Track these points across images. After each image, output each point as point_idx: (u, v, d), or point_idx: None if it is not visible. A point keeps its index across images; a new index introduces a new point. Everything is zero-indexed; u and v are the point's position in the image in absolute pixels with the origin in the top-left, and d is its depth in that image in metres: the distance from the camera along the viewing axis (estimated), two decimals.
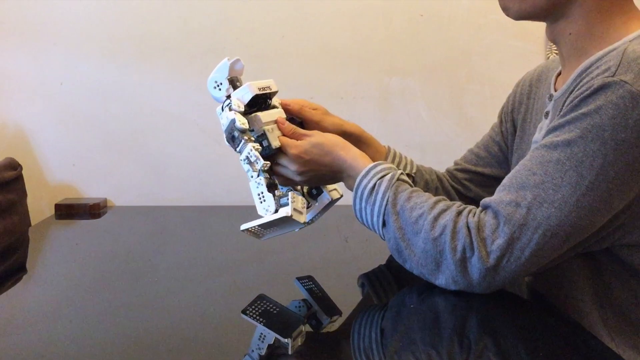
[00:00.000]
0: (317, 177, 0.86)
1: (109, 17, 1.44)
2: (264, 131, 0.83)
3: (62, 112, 1.47)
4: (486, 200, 0.75)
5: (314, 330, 0.76)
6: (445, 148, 1.46)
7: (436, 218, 0.74)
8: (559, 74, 0.87)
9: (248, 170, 0.82)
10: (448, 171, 1.04)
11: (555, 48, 1.44)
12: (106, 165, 1.48)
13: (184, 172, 1.49)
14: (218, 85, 0.84)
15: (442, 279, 0.75)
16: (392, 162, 0.98)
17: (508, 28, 1.47)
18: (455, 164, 1.05)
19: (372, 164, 0.82)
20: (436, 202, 0.77)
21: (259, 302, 0.80)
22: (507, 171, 0.97)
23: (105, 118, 1.47)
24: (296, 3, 1.45)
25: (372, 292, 0.90)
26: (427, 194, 0.79)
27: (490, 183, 0.99)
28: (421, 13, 1.46)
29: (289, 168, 0.84)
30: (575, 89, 0.74)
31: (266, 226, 0.82)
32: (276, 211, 0.80)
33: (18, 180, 1.33)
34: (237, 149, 0.82)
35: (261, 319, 0.75)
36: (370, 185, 0.80)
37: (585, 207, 0.70)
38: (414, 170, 0.99)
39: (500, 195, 0.74)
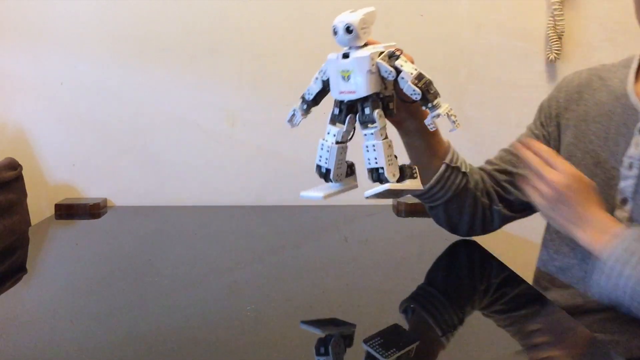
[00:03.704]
0: (560, 211, 0.81)
1: (109, 17, 1.44)
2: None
3: (62, 112, 1.47)
4: None
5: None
6: None
7: None
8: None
9: (381, 127, 0.75)
10: (484, 171, 1.02)
11: (556, 48, 1.45)
12: (106, 165, 1.48)
13: (184, 172, 1.49)
14: (365, 28, 0.78)
15: None
16: (453, 156, 0.94)
17: (508, 28, 1.47)
18: (491, 164, 1.02)
19: (623, 226, 0.78)
20: None
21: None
22: None
23: (105, 118, 1.47)
24: (296, 3, 1.45)
25: (372, 292, 0.90)
26: None
27: None
28: (421, 13, 1.46)
29: (548, 179, 0.80)
30: None
31: (391, 193, 0.76)
32: (402, 179, 0.76)
33: (18, 180, 1.33)
34: (433, 104, 0.74)
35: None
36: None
37: None
38: (468, 169, 0.97)
39: None
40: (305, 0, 1.45)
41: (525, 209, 1.01)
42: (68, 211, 1.40)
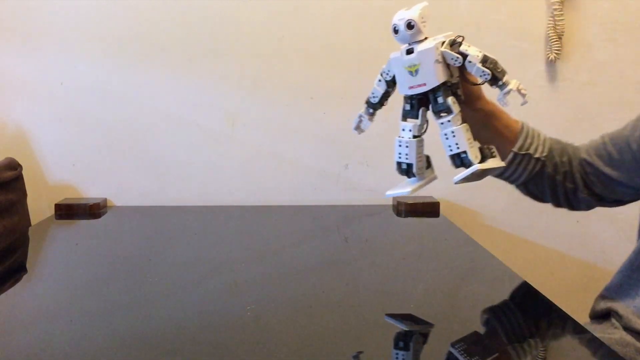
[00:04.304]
0: None
1: (109, 17, 1.44)
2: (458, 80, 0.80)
3: (62, 112, 1.47)
4: None
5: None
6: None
7: None
8: None
9: (456, 113, 0.76)
10: (576, 154, 0.96)
11: (556, 48, 1.45)
12: (106, 165, 1.48)
13: (184, 172, 1.49)
14: (424, 22, 0.79)
15: None
16: (524, 142, 0.91)
17: (508, 28, 1.47)
18: (586, 151, 0.95)
19: None
20: None
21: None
22: (638, 183, 0.90)
23: (105, 118, 1.47)
24: (296, 3, 1.45)
25: (373, 292, 0.90)
26: None
27: (616, 186, 0.93)
28: None
29: None
30: None
31: (476, 175, 0.77)
32: (483, 160, 0.77)
33: (18, 180, 1.33)
34: (503, 81, 0.76)
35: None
36: None
37: None
38: (544, 154, 0.93)
39: None
40: (305, 0, 1.45)
41: (615, 202, 0.96)
42: (68, 211, 1.40)
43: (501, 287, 0.94)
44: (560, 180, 0.94)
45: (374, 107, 0.85)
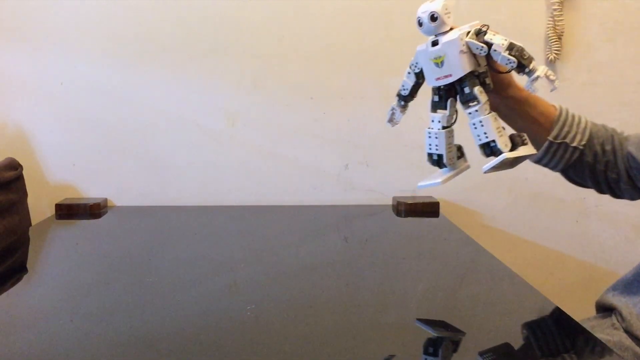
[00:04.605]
0: None
1: (109, 17, 1.44)
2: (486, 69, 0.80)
3: (62, 112, 1.47)
4: None
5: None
6: None
7: None
8: None
9: (484, 102, 0.77)
10: (625, 147, 0.90)
11: (556, 48, 1.45)
12: (106, 165, 1.49)
13: (184, 172, 1.49)
14: (448, 13, 0.79)
15: None
16: (560, 130, 0.88)
17: (508, 28, 1.47)
18: (636, 146, 0.89)
19: None
20: None
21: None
22: None
23: (105, 118, 1.47)
24: (296, 3, 1.45)
25: (372, 291, 0.90)
26: None
27: None
28: None
29: None
30: None
31: (506, 163, 0.76)
32: (513, 148, 0.77)
33: (18, 180, 1.33)
34: (530, 68, 0.76)
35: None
36: None
37: None
38: (582, 142, 0.89)
39: None
40: (306, 0, 1.45)
41: None
42: (68, 211, 1.40)
43: (501, 287, 0.94)
44: (601, 169, 0.90)
45: (405, 99, 0.86)
